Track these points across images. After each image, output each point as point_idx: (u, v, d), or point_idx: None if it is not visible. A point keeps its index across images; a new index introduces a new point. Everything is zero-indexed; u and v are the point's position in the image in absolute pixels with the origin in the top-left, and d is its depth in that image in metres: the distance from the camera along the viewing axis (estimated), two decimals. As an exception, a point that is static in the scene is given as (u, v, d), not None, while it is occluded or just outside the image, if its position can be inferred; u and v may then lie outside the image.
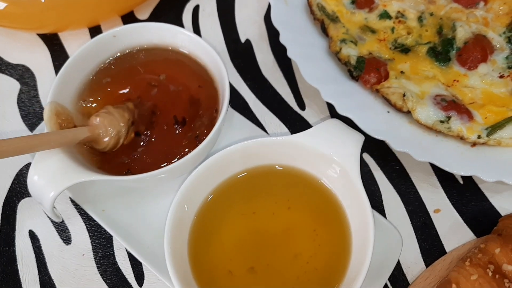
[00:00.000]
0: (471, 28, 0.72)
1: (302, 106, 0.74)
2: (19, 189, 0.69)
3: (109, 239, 0.65)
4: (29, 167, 0.56)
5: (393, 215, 0.65)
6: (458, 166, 0.61)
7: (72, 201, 0.67)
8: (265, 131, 0.71)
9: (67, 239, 0.65)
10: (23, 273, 0.63)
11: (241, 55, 0.80)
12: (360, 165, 0.66)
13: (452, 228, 0.64)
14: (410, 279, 0.61)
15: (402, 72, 0.69)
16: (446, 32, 0.73)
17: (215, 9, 0.85)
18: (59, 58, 0.80)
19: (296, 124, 0.73)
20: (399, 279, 0.61)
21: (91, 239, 0.65)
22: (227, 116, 0.67)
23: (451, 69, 0.70)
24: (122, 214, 0.62)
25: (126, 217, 0.62)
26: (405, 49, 0.72)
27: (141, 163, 0.58)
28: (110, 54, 0.65)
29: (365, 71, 0.68)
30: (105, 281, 0.62)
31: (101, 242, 0.65)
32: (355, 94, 0.68)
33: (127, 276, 0.63)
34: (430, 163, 0.66)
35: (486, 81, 0.69)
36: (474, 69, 0.70)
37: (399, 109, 0.66)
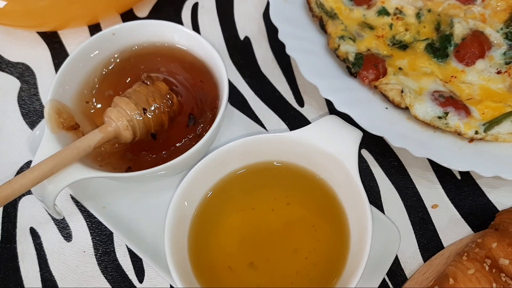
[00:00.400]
0: (469, 24, 0.72)
1: (301, 102, 0.75)
2: (20, 187, 0.69)
3: (109, 235, 0.65)
4: (30, 164, 0.56)
5: (391, 211, 0.66)
6: (455, 161, 0.62)
7: (72, 198, 0.67)
8: (264, 127, 0.72)
9: (68, 236, 0.66)
10: (24, 270, 0.64)
11: (240, 52, 0.80)
12: (358, 161, 0.67)
13: (449, 223, 0.64)
14: (408, 274, 0.62)
15: (400, 68, 0.69)
16: (444, 28, 0.73)
17: (214, 6, 0.85)
18: (59, 56, 0.80)
19: (295, 120, 0.73)
20: (397, 274, 0.62)
21: (91, 236, 0.65)
22: (226, 113, 0.67)
23: (449, 65, 0.70)
24: (122, 211, 0.63)
25: (126, 214, 0.62)
26: (403, 46, 0.72)
27: (142, 161, 0.59)
28: (109, 52, 0.65)
29: (363, 68, 0.68)
30: (106, 278, 0.63)
31: (102, 239, 0.65)
32: (354, 90, 0.68)
33: (127, 272, 0.63)
34: (428, 159, 0.67)
35: (483, 77, 0.69)
36: (471, 65, 0.70)
37: (397, 105, 0.66)
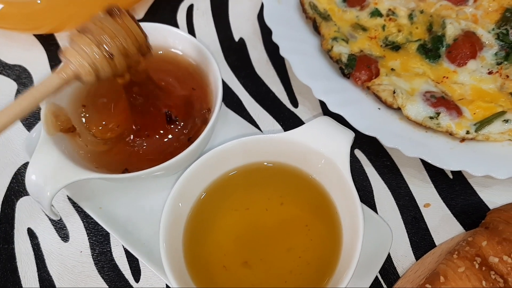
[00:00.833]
0: (461, 25, 0.73)
1: (295, 103, 0.76)
2: (17, 188, 0.70)
3: (106, 236, 0.66)
4: (27, 166, 0.57)
5: (384, 210, 0.66)
6: (447, 161, 0.62)
7: (69, 199, 0.68)
8: (259, 128, 0.73)
9: (65, 237, 0.66)
10: (22, 270, 0.65)
11: (235, 53, 0.81)
12: (351, 161, 0.68)
13: (441, 221, 0.65)
14: (400, 272, 0.62)
15: (392, 69, 0.70)
16: (436, 29, 0.74)
17: (209, 8, 0.86)
18: (55, 58, 0.81)
19: (289, 121, 0.74)
20: (389, 272, 0.62)
21: (88, 236, 0.66)
22: (221, 114, 0.68)
23: (441, 66, 0.71)
24: (118, 211, 0.63)
25: (122, 214, 0.63)
26: (395, 47, 0.73)
27: (138, 162, 0.60)
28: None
29: (356, 69, 0.69)
30: (103, 277, 0.64)
31: (98, 239, 0.66)
32: (347, 91, 0.69)
33: (124, 272, 0.64)
34: (420, 159, 0.68)
35: (475, 77, 0.70)
36: (463, 66, 0.71)
37: (389, 106, 0.67)
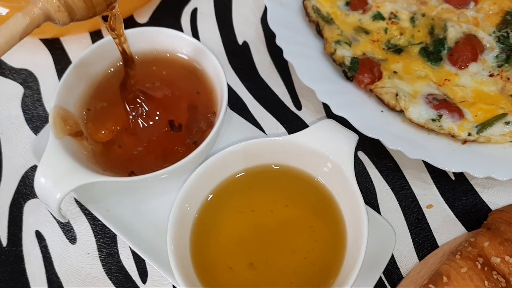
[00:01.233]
0: (462, 28, 0.74)
1: (298, 106, 0.76)
2: (25, 191, 0.71)
3: (113, 238, 0.67)
4: (35, 169, 0.58)
5: (387, 211, 0.67)
6: (449, 163, 0.63)
7: (77, 201, 0.69)
8: (263, 131, 0.73)
9: (72, 239, 0.67)
10: (30, 272, 0.65)
11: (239, 57, 0.81)
12: (355, 163, 0.69)
13: (444, 222, 0.66)
14: (404, 272, 0.63)
15: (395, 72, 0.71)
16: (437, 32, 0.74)
17: (213, 11, 0.86)
18: (61, 62, 0.82)
19: (293, 123, 0.75)
20: (393, 273, 0.63)
21: (95, 238, 0.67)
22: (225, 117, 0.69)
23: (443, 69, 0.72)
24: (125, 213, 0.64)
25: (129, 217, 0.64)
26: (398, 50, 0.73)
27: (144, 165, 0.60)
28: (111, 59, 0.66)
29: (359, 72, 0.70)
30: (110, 279, 0.64)
31: (106, 241, 0.67)
32: (350, 94, 0.70)
33: (131, 273, 0.65)
34: (422, 160, 0.69)
35: (476, 79, 0.71)
36: (465, 68, 0.72)
37: (392, 108, 0.68)
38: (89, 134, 0.63)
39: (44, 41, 0.83)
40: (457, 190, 0.69)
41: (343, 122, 0.64)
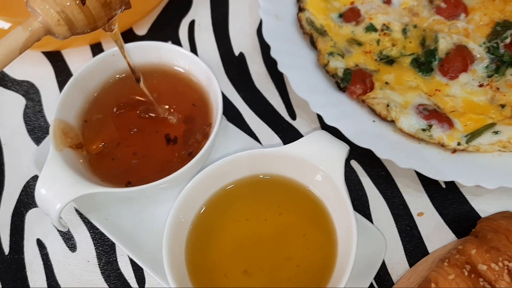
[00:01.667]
0: (453, 39, 0.75)
1: (293, 116, 0.78)
2: (26, 200, 0.73)
3: (112, 246, 0.69)
4: (36, 179, 0.59)
5: (379, 219, 0.69)
6: (439, 172, 0.65)
7: (77, 211, 0.71)
8: (258, 141, 0.75)
9: (72, 247, 0.69)
10: (32, 279, 0.67)
11: (235, 68, 0.83)
12: (348, 172, 0.71)
13: (434, 230, 0.67)
14: (395, 279, 0.65)
15: (386, 82, 0.72)
16: (429, 43, 0.76)
17: (210, 24, 0.88)
18: (62, 74, 0.84)
19: (288, 133, 0.77)
20: (384, 279, 0.65)
21: (95, 246, 0.69)
22: (222, 127, 0.70)
23: (434, 79, 0.73)
24: (123, 222, 0.66)
25: (127, 225, 0.66)
26: (390, 61, 0.75)
27: (140, 175, 0.62)
28: (110, 72, 0.69)
29: (351, 83, 0.71)
30: (109, 286, 0.66)
31: (105, 249, 0.69)
32: (342, 104, 0.72)
33: (129, 280, 0.66)
34: (414, 169, 0.70)
35: (466, 90, 0.72)
36: (455, 79, 0.73)
37: (384, 119, 0.69)
38: (85, 145, 0.65)
39: (45, 54, 0.86)
40: (447, 198, 0.70)
41: (336, 131, 0.66)
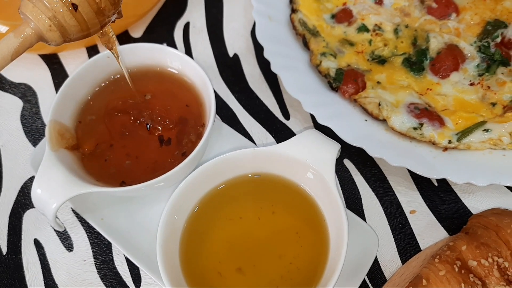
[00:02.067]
0: (444, 38, 0.76)
1: (286, 115, 0.79)
2: (24, 201, 0.74)
3: (108, 245, 0.70)
4: (33, 180, 0.61)
5: (372, 217, 0.69)
6: (430, 170, 0.65)
7: (73, 211, 0.72)
8: (252, 140, 0.76)
9: (69, 247, 0.70)
10: (29, 279, 0.68)
11: (230, 69, 0.84)
12: (341, 171, 0.72)
13: (427, 227, 0.68)
14: (387, 276, 0.65)
15: (378, 82, 0.73)
16: (420, 43, 0.77)
17: (205, 25, 0.89)
18: (59, 76, 0.85)
19: (281, 133, 0.77)
20: (377, 276, 0.65)
21: (91, 246, 0.70)
22: (216, 127, 0.72)
23: (425, 78, 0.74)
24: (119, 222, 0.67)
25: (123, 225, 0.66)
26: (381, 60, 0.76)
27: (134, 175, 0.63)
28: (105, 74, 0.70)
29: (343, 83, 0.72)
30: (105, 285, 0.67)
31: (101, 248, 0.69)
32: (335, 104, 0.72)
33: (125, 279, 0.67)
34: (406, 167, 0.71)
35: (457, 88, 0.73)
36: (446, 78, 0.74)
37: (375, 118, 0.70)
38: (79, 146, 0.66)
39: (42, 57, 0.87)
40: (439, 195, 0.71)
41: (329, 130, 0.67)
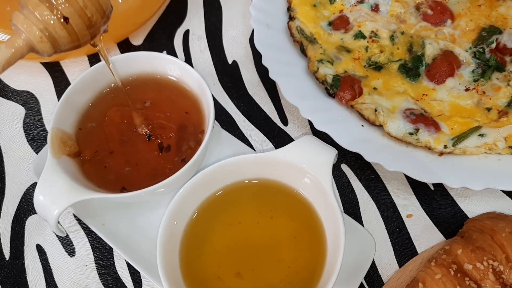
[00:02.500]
0: (439, 44, 0.77)
1: (285, 121, 0.80)
2: (26, 207, 0.75)
3: (109, 250, 0.71)
4: (35, 186, 0.62)
5: (369, 221, 0.70)
6: (426, 174, 0.66)
7: (75, 216, 0.73)
8: (251, 146, 0.77)
9: (71, 252, 0.71)
10: (32, 284, 0.69)
11: (229, 75, 0.86)
12: (338, 176, 0.73)
13: (423, 231, 0.69)
14: (385, 279, 0.66)
15: (375, 88, 0.74)
16: (416, 49, 0.78)
17: (204, 33, 0.91)
18: (61, 83, 0.86)
19: (279, 138, 0.79)
20: (374, 280, 0.66)
21: (93, 251, 0.71)
22: (215, 133, 0.73)
23: (421, 84, 0.75)
24: (120, 227, 0.68)
25: (124, 230, 0.67)
26: (378, 67, 0.77)
27: (134, 182, 0.64)
28: (105, 81, 0.71)
29: (340, 89, 0.73)
30: (107, 289, 0.68)
31: (102, 253, 0.70)
32: (332, 110, 0.73)
33: (126, 284, 0.68)
34: (402, 172, 0.72)
35: (453, 94, 0.74)
36: (442, 83, 0.75)
37: (372, 123, 0.71)
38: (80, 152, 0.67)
39: (44, 65, 0.88)
40: (436, 199, 0.72)
41: (327, 136, 0.68)
